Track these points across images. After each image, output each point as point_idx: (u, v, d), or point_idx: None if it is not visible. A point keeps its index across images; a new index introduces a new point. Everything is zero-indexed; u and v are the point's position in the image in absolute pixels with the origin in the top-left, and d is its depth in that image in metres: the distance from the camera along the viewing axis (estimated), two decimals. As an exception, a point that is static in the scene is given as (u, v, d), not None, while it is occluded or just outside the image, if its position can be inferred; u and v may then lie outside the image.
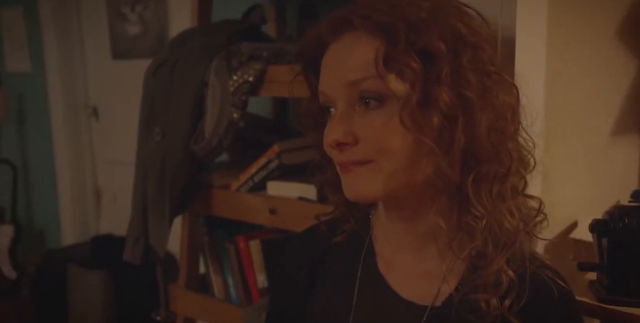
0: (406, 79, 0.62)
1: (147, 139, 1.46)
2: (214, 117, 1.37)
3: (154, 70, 1.48)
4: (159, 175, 1.43)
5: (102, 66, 2.70)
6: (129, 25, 2.50)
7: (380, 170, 0.64)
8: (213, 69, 1.38)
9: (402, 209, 0.70)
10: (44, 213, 3.04)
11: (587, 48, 0.90)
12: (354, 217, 0.77)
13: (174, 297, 1.65)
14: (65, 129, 2.79)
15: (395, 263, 0.73)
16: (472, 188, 0.65)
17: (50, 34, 2.72)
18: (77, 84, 2.79)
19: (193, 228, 1.61)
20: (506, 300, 0.64)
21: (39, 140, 2.92)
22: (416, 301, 0.69)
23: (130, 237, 1.53)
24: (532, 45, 0.83)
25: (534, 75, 0.85)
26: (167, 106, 1.43)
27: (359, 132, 0.64)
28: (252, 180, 1.45)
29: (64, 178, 2.87)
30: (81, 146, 2.85)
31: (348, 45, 0.65)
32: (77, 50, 2.77)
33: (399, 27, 0.62)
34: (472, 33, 0.64)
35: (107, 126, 2.77)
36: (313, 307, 0.76)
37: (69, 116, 2.80)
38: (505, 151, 0.65)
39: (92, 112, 2.81)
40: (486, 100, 0.64)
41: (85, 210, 2.92)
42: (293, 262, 0.82)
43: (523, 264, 0.66)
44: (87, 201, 2.91)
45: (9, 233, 2.77)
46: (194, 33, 1.54)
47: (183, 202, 1.47)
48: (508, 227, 0.65)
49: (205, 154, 1.41)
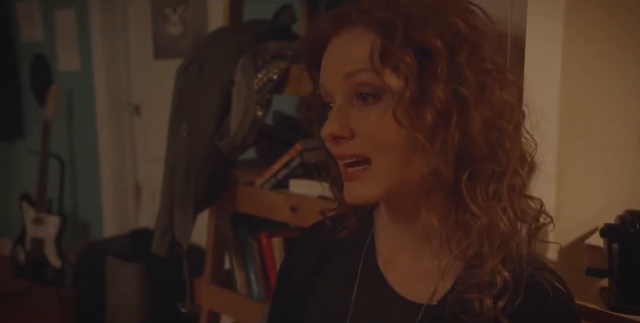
0: (401, 75, 0.62)
1: (175, 135, 1.51)
2: (239, 115, 1.40)
3: (184, 68, 1.52)
4: (185, 171, 1.47)
5: (145, 66, 2.79)
6: (170, 26, 2.58)
7: (375, 171, 0.64)
8: (240, 67, 1.41)
9: (401, 209, 0.70)
10: (89, 206, 3.16)
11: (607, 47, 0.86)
12: (356, 214, 0.78)
13: (199, 291, 1.69)
14: (109, 126, 2.90)
15: (395, 261, 0.73)
16: (466, 187, 0.64)
17: (99, 34, 2.84)
18: (121, 83, 2.90)
19: (219, 224, 1.64)
20: (500, 301, 0.63)
21: (86, 136, 3.05)
22: (413, 299, 0.69)
23: (158, 230, 1.58)
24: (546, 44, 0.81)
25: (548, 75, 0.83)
26: (195, 103, 1.47)
27: (355, 127, 0.65)
28: (275, 178, 1.47)
29: (107, 174, 2.98)
30: (123, 143, 2.95)
31: (347, 40, 0.66)
32: (122, 51, 2.88)
33: (396, 22, 0.62)
34: (472, 30, 0.64)
35: (148, 124, 2.86)
36: (315, 300, 0.77)
37: (113, 114, 2.91)
38: (502, 150, 0.64)
39: (134, 110, 2.92)
40: (483, 98, 0.63)
41: (125, 205, 3.02)
42: (298, 256, 0.83)
43: (520, 265, 0.65)
44: (128, 196, 3.01)
45: (56, 224, 2.90)
46: (224, 33, 1.57)
47: (207, 198, 1.50)
48: (503, 227, 0.64)
49: (230, 150, 1.44)
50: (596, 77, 0.87)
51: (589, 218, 0.93)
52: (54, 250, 2.89)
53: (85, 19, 2.89)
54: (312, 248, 0.81)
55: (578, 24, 0.81)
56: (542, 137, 0.72)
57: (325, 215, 0.81)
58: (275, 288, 0.87)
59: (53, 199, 2.96)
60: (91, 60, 2.90)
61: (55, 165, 3.02)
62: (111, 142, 2.93)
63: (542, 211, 0.69)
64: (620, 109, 0.89)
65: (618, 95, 0.88)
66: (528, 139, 0.69)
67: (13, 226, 3.09)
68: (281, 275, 0.87)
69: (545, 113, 0.72)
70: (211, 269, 1.67)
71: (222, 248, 1.67)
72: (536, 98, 0.71)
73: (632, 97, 0.90)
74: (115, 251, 2.55)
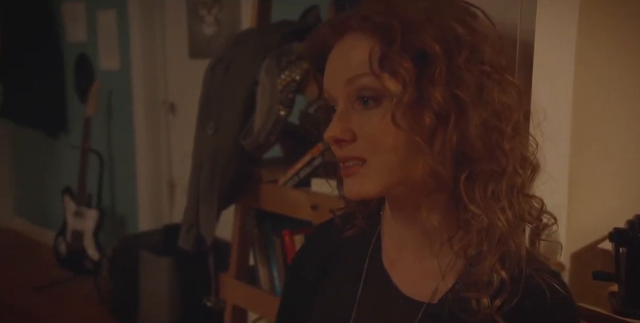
0: (399, 79, 0.63)
1: (202, 132, 1.55)
2: (263, 114, 1.43)
3: (211, 68, 1.56)
4: (210, 168, 1.51)
5: (180, 65, 2.87)
6: (205, 27, 2.64)
7: (372, 169, 0.66)
8: (264, 67, 1.44)
9: (402, 208, 0.72)
10: (125, 200, 3.27)
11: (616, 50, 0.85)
12: (362, 213, 0.80)
13: (224, 286, 1.73)
14: (145, 123, 2.99)
15: (399, 260, 0.74)
16: (464, 187, 0.65)
17: (137, 34, 2.93)
18: (158, 81, 2.99)
19: (244, 220, 1.68)
20: (497, 299, 0.64)
21: (123, 133, 3.15)
22: (415, 297, 0.71)
23: (184, 225, 1.63)
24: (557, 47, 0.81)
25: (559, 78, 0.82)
26: (221, 102, 1.51)
27: (356, 130, 0.66)
28: (298, 176, 1.49)
29: (142, 170, 3.07)
30: (159, 140, 3.04)
31: (348, 45, 0.67)
32: (159, 50, 2.97)
33: (394, 27, 0.63)
34: (471, 33, 0.65)
35: (182, 121, 2.94)
36: (321, 297, 0.79)
37: (149, 111, 2.99)
38: (501, 151, 0.65)
39: (169, 107, 3.00)
40: (481, 100, 0.64)
41: (159, 200, 3.11)
42: (307, 253, 0.86)
43: (519, 265, 0.66)
44: (162, 192, 3.10)
45: (94, 217, 3.02)
46: (251, 33, 1.61)
47: (231, 194, 1.54)
48: (501, 226, 0.65)
49: (253, 148, 1.47)
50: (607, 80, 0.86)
51: (602, 222, 0.91)
52: (92, 242, 3.00)
53: (125, 19, 2.98)
54: (321, 246, 0.83)
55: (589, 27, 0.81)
56: (553, 141, 0.72)
57: (335, 213, 0.84)
58: (284, 283, 0.90)
59: (92, 193, 3.08)
60: (130, 60, 2.99)
61: (95, 160, 3.13)
62: (147, 138, 3.02)
63: (543, 210, 0.70)
64: (630, 113, 0.87)
65: (628, 98, 0.87)
66: (530, 140, 0.70)
67: (57, 218, 3.23)
68: (290, 271, 0.89)
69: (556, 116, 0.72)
70: (236, 265, 1.71)
71: (247, 245, 1.70)
72: (545, 101, 0.71)
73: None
74: (148, 245, 2.63)
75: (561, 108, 0.83)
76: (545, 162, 0.72)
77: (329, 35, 0.70)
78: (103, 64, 3.20)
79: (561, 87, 0.83)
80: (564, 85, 0.83)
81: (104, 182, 3.19)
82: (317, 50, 0.73)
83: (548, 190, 0.76)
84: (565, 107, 0.82)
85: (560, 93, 0.83)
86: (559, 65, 0.81)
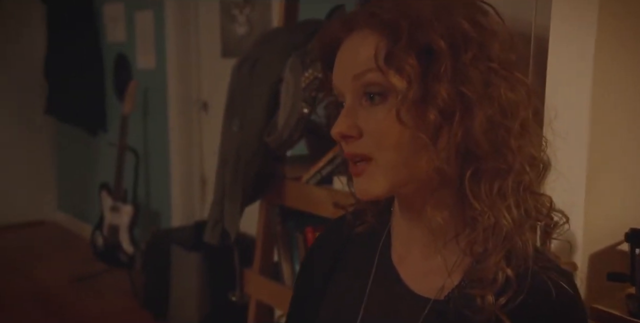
0: (404, 75, 0.63)
1: (227, 129, 1.58)
2: (286, 111, 1.45)
3: (238, 66, 1.59)
4: (234, 164, 1.54)
5: (213, 64, 2.92)
6: (237, 26, 2.68)
7: (378, 167, 0.66)
8: (288, 65, 1.46)
9: (409, 205, 0.72)
10: (159, 196, 3.35)
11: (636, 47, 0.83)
12: (372, 210, 0.81)
13: (248, 281, 1.75)
14: (179, 121, 3.06)
15: (408, 256, 0.75)
16: (469, 184, 0.65)
17: (172, 34, 3.00)
18: (191, 80, 3.04)
19: (268, 217, 1.70)
20: (501, 297, 0.64)
21: (158, 131, 3.23)
22: (422, 293, 0.71)
23: (210, 220, 1.66)
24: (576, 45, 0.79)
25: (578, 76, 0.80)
26: (246, 99, 1.54)
27: (363, 126, 0.67)
28: (320, 174, 1.50)
29: (176, 167, 3.14)
30: (191, 137, 3.10)
31: (356, 42, 0.68)
32: (193, 49, 3.02)
33: (401, 24, 0.64)
34: (479, 30, 0.64)
35: (215, 120, 2.98)
36: (331, 291, 0.80)
37: (182, 110, 3.06)
38: (507, 148, 0.65)
39: (202, 106, 3.05)
40: (486, 97, 0.63)
41: (192, 197, 3.17)
42: (319, 248, 0.87)
43: (525, 263, 0.65)
44: (194, 188, 3.16)
45: (129, 213, 3.10)
46: (278, 32, 1.63)
47: (255, 191, 1.56)
48: (506, 223, 0.64)
49: (277, 145, 1.49)
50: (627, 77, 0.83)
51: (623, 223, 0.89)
52: (127, 237, 3.08)
53: (162, 20, 3.06)
54: (332, 241, 0.84)
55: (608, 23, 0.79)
56: (570, 139, 0.71)
57: (346, 209, 0.84)
58: (296, 277, 0.91)
59: (128, 189, 3.16)
60: (165, 59, 3.06)
61: (131, 157, 3.22)
62: (180, 136, 3.08)
63: (552, 208, 0.69)
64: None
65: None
66: (539, 137, 0.69)
67: (96, 212, 3.33)
68: (302, 265, 0.90)
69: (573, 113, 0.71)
70: (260, 261, 1.73)
71: (271, 241, 1.72)
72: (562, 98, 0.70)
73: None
74: (180, 240, 2.69)
75: (579, 105, 0.81)
76: (559, 161, 0.71)
77: (338, 31, 0.71)
78: (140, 63, 3.29)
79: (579, 84, 0.81)
80: (583, 82, 0.81)
81: (140, 178, 3.28)
82: (326, 47, 0.74)
83: (563, 189, 0.75)
84: (583, 104, 0.81)
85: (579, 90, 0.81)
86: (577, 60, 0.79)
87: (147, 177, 3.40)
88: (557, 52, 0.78)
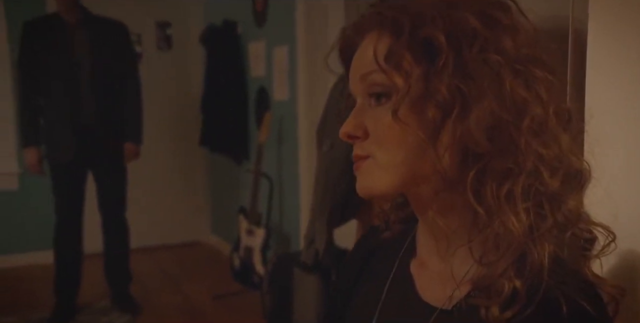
0: (402, 72, 0.62)
1: (320, 150, 1.62)
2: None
3: (334, 85, 1.63)
4: (324, 184, 1.56)
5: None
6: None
7: (377, 165, 0.65)
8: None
9: (418, 208, 0.70)
10: (291, 220, 3.48)
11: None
12: (398, 216, 0.80)
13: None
14: (308, 148, 3.18)
15: (427, 263, 0.73)
16: (472, 186, 0.61)
17: (303, 68, 3.17)
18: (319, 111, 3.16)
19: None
20: (508, 310, 0.59)
21: (291, 158, 3.39)
22: (431, 302, 0.69)
23: (306, 240, 1.70)
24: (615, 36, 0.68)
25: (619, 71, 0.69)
26: (338, 118, 1.56)
27: (369, 126, 0.66)
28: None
29: (305, 192, 3.25)
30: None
31: (366, 43, 0.68)
32: (321, 82, 3.15)
33: (403, 20, 0.63)
34: (487, 25, 0.61)
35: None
36: (355, 297, 0.81)
37: (311, 138, 3.18)
38: (515, 147, 0.60)
39: (327, 133, 3.15)
40: (492, 92, 0.59)
41: (317, 221, 3.24)
42: (351, 256, 0.88)
43: (539, 275, 0.58)
44: (319, 213, 3.23)
45: (262, 236, 3.28)
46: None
47: (344, 211, 1.56)
48: (514, 230, 0.59)
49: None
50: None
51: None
52: (259, 259, 3.25)
53: (295, 54, 3.25)
54: (363, 248, 0.85)
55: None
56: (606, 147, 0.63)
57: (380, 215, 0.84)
58: (331, 285, 0.92)
59: (262, 213, 3.35)
60: (296, 91, 3.24)
61: (266, 183, 3.42)
62: (309, 163, 3.20)
63: (583, 219, 0.61)
64: None
65: None
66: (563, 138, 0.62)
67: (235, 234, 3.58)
68: (338, 271, 0.91)
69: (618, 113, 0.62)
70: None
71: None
72: (605, 97, 0.61)
73: None
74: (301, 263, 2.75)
75: (618, 105, 0.69)
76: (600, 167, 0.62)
77: (352, 37, 0.72)
78: (276, 95, 3.52)
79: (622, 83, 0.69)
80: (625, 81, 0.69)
81: (273, 203, 3.45)
82: (344, 53, 0.75)
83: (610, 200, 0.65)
84: (622, 103, 0.69)
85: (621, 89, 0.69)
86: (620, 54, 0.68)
87: (281, 201, 3.57)
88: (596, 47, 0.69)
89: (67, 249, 3.15)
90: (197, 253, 4.54)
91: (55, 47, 2.96)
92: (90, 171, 3.18)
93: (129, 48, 3.26)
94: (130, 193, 3.31)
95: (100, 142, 3.07)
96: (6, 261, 4.05)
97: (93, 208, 3.25)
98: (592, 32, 0.69)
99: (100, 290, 3.43)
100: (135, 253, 3.61)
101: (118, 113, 3.12)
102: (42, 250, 3.71)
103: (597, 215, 0.66)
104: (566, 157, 0.61)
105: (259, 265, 3.25)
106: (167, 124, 4.50)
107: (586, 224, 0.64)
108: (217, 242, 4.62)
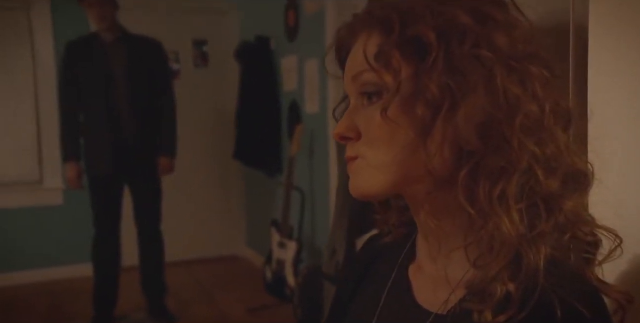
0: (392, 71, 0.62)
1: (341, 159, 1.61)
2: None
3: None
4: (343, 194, 1.55)
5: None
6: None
7: (368, 165, 0.64)
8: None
9: (418, 211, 0.68)
10: (323, 233, 3.47)
11: None
12: (399, 220, 0.78)
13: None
14: (338, 161, 3.17)
15: (425, 267, 0.72)
16: (464, 185, 0.60)
17: (333, 81, 3.18)
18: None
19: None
20: (501, 315, 0.56)
21: (322, 170, 3.39)
22: (427, 307, 0.68)
23: (328, 251, 1.68)
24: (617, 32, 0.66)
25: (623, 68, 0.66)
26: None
27: (361, 127, 0.66)
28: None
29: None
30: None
31: (359, 44, 0.68)
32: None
33: (392, 19, 0.63)
34: (479, 22, 0.60)
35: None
36: (357, 301, 0.80)
37: (341, 151, 3.18)
38: (509, 145, 0.58)
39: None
40: (482, 89, 0.58)
41: (349, 234, 3.22)
42: (357, 258, 0.88)
43: (535, 279, 0.56)
44: (350, 226, 3.21)
45: (294, 249, 3.27)
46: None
47: (364, 221, 1.55)
48: (506, 231, 0.57)
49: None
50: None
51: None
52: (291, 271, 3.25)
53: (325, 67, 3.27)
54: (368, 251, 0.85)
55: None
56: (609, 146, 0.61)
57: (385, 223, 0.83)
58: (338, 286, 0.91)
59: (294, 226, 3.35)
60: (327, 104, 3.25)
61: (297, 196, 3.42)
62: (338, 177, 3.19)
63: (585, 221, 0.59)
64: None
65: None
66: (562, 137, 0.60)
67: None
68: (342, 275, 0.90)
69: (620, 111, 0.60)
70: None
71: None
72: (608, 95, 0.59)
73: None
74: (331, 276, 2.74)
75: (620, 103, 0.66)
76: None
77: (345, 39, 0.72)
78: (308, 108, 3.54)
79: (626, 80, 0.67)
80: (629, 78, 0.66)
81: (305, 216, 3.45)
82: (340, 55, 0.75)
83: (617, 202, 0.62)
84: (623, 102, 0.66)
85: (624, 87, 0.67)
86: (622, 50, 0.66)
87: (313, 215, 3.57)
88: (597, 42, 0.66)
89: (105, 262, 3.23)
90: (233, 267, 4.58)
91: (94, 65, 3.08)
92: (127, 185, 3.26)
93: (164, 65, 3.35)
94: (167, 208, 3.38)
95: (137, 156, 3.16)
96: (51, 274, 4.19)
97: (131, 222, 3.33)
98: (594, 27, 0.67)
99: (137, 302, 3.50)
100: (172, 266, 3.67)
101: (154, 128, 3.21)
102: (84, 262, 3.82)
103: (603, 218, 0.63)
104: (565, 157, 0.59)
105: (291, 277, 3.25)
106: (203, 139, 4.59)
107: (589, 227, 0.61)
108: (252, 255, 4.65)
